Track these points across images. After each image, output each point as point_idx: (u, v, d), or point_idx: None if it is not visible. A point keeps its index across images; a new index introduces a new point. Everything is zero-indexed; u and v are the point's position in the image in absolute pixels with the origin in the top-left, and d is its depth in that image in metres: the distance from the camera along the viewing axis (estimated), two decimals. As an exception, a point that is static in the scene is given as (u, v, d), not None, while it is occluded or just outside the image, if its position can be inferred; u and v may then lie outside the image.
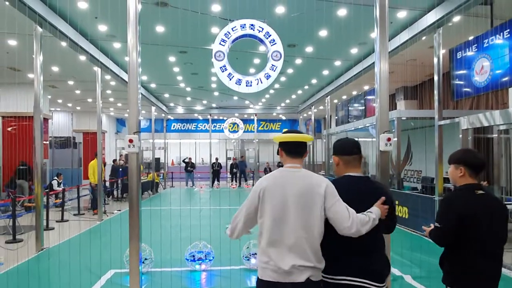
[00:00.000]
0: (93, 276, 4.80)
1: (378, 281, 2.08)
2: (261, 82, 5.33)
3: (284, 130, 2.55)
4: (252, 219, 2.17)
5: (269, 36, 5.28)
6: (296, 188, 2.10)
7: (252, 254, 5.03)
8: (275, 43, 5.29)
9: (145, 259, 4.95)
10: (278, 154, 2.31)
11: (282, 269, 2.01)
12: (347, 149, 2.31)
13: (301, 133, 2.29)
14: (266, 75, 5.33)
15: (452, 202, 2.30)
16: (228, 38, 5.25)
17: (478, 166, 2.33)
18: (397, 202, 8.44)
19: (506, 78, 5.58)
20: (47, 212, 8.32)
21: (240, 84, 5.31)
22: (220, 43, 5.25)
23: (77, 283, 4.48)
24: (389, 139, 3.65)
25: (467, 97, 7.32)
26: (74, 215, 10.11)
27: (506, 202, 6.53)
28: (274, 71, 5.33)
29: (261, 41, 5.34)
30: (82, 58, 9.01)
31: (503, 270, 5.04)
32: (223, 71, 5.27)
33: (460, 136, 6.50)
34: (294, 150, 2.22)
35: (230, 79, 5.29)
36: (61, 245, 6.58)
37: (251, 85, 5.33)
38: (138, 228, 3.86)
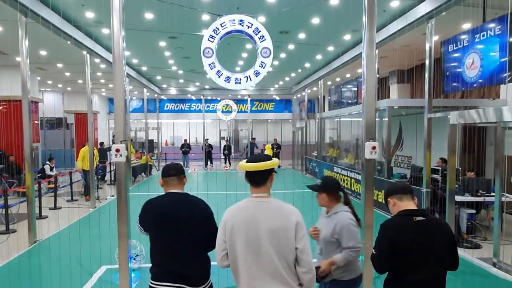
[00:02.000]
0: (85, 273, 4.91)
1: (195, 285, 2.39)
2: (250, 80, 5.29)
3: (269, 153, 2.54)
4: None
5: (258, 32, 5.20)
6: (268, 222, 2.05)
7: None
8: (264, 40, 5.21)
9: (136, 255, 5.04)
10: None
11: None
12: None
13: (263, 158, 2.17)
14: (255, 72, 5.28)
15: (385, 229, 2.27)
16: (217, 34, 5.16)
17: (399, 188, 2.39)
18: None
19: (496, 75, 5.58)
20: (39, 200, 8.37)
21: (229, 82, 5.26)
22: (208, 39, 5.16)
23: (68, 281, 4.58)
24: (374, 148, 3.69)
25: (457, 92, 7.32)
26: (68, 201, 10.18)
27: (492, 194, 6.69)
28: (264, 68, 5.27)
29: (251, 37, 5.26)
30: (70, 43, 8.82)
31: (485, 266, 5.22)
32: (211, 68, 5.21)
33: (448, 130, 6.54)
34: (255, 180, 2.15)
35: (219, 77, 5.24)
36: (54, 238, 6.65)
37: (240, 83, 5.28)
38: (127, 229, 3.91)
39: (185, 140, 19.51)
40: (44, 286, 4.59)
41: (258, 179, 2.14)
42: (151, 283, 2.41)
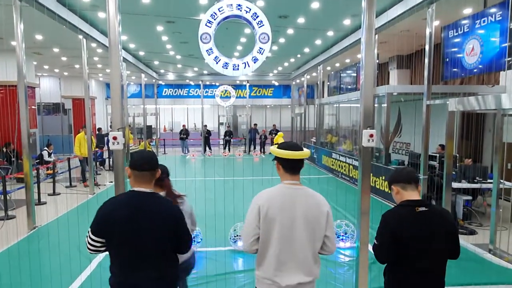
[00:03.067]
0: (84, 259, 4.96)
1: None
2: (248, 66, 5.22)
3: (281, 141, 2.41)
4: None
5: (256, 18, 5.11)
6: (303, 208, 2.13)
7: (239, 236, 5.18)
8: (263, 25, 5.12)
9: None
10: (276, 166, 2.26)
11: (290, 285, 2.10)
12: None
13: (301, 148, 2.23)
14: (253, 58, 5.21)
15: (387, 219, 2.27)
16: (215, 20, 5.07)
17: (404, 176, 2.35)
18: (382, 178, 8.63)
19: (495, 62, 5.53)
20: (38, 185, 8.38)
21: (227, 68, 5.20)
22: (206, 25, 5.07)
23: (68, 267, 4.62)
24: (371, 135, 3.67)
25: (456, 78, 7.27)
26: (66, 187, 10.20)
27: (488, 181, 6.73)
28: (262, 54, 5.20)
29: (249, 22, 5.17)
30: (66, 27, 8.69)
31: (480, 252, 5.28)
32: (209, 54, 5.14)
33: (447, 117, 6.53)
34: (295, 167, 2.20)
35: (217, 63, 5.17)
36: (52, 224, 6.69)
37: (238, 69, 5.22)
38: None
39: (184, 126, 19.48)
40: (44, 271, 4.64)
41: (299, 167, 2.21)
42: None
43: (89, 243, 2.22)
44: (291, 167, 2.20)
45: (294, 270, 2.10)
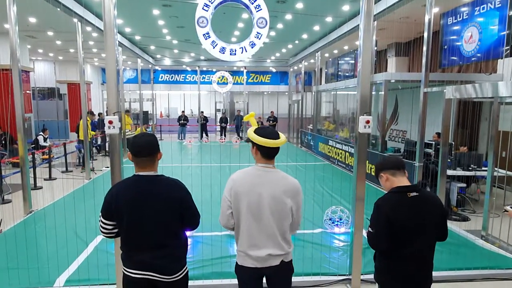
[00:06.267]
0: (81, 242, 4.98)
1: (166, 274, 2.24)
2: (246, 51, 5.16)
3: (253, 121, 2.54)
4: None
5: (254, 2, 5.03)
6: (271, 189, 2.28)
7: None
8: (261, 9, 5.05)
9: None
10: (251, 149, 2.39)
11: (260, 257, 2.29)
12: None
13: (277, 135, 2.34)
14: (251, 43, 5.15)
15: (381, 207, 2.28)
16: (212, 3, 4.99)
17: (393, 163, 2.37)
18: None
19: (493, 49, 5.51)
20: (34, 170, 8.36)
21: (224, 53, 5.14)
22: (203, 8, 4.99)
23: (65, 250, 4.65)
24: (368, 122, 3.67)
25: (454, 66, 7.25)
26: (62, 172, 10.19)
27: (483, 168, 6.79)
28: (259, 39, 5.14)
29: (246, 6, 5.09)
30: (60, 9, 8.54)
31: (472, 238, 5.36)
32: (206, 38, 5.07)
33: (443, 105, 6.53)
34: (271, 154, 2.35)
35: (214, 47, 5.11)
36: (49, 208, 6.70)
37: (235, 54, 5.16)
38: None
39: (182, 112, 19.41)
40: (41, 254, 4.67)
41: (274, 153, 2.36)
42: (123, 269, 2.30)
43: (101, 226, 2.32)
44: (267, 154, 2.33)
45: (264, 244, 2.28)
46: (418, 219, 2.23)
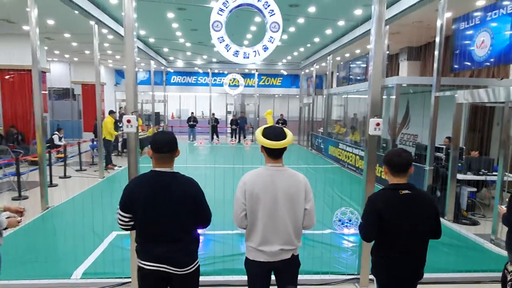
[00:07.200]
0: (96, 238, 5.14)
1: (178, 266, 2.34)
2: (259, 54, 5.28)
3: (270, 118, 2.67)
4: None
5: (268, 6, 5.15)
6: (283, 186, 2.38)
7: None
8: (274, 14, 5.17)
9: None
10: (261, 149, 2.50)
11: (273, 252, 2.38)
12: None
13: (283, 136, 2.41)
14: (263, 47, 5.27)
15: (373, 201, 2.44)
16: (226, 8, 5.12)
17: (396, 165, 2.43)
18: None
19: (505, 55, 5.53)
20: (50, 168, 8.59)
21: (237, 56, 5.27)
22: (218, 13, 5.13)
23: (81, 245, 4.81)
24: (378, 124, 3.75)
25: (467, 70, 7.26)
26: (76, 171, 10.42)
27: (493, 173, 6.77)
28: (272, 43, 5.26)
29: (260, 11, 5.21)
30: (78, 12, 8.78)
31: (481, 241, 5.37)
32: (220, 42, 5.20)
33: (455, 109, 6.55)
34: (277, 154, 2.45)
35: (228, 50, 5.24)
36: (65, 205, 6.89)
37: (248, 57, 5.29)
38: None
39: (192, 113, 19.61)
40: (58, 248, 4.84)
41: (279, 154, 2.45)
42: (138, 261, 2.40)
43: (119, 218, 2.41)
44: (272, 153, 2.43)
45: (276, 241, 2.38)
46: (408, 216, 2.34)
